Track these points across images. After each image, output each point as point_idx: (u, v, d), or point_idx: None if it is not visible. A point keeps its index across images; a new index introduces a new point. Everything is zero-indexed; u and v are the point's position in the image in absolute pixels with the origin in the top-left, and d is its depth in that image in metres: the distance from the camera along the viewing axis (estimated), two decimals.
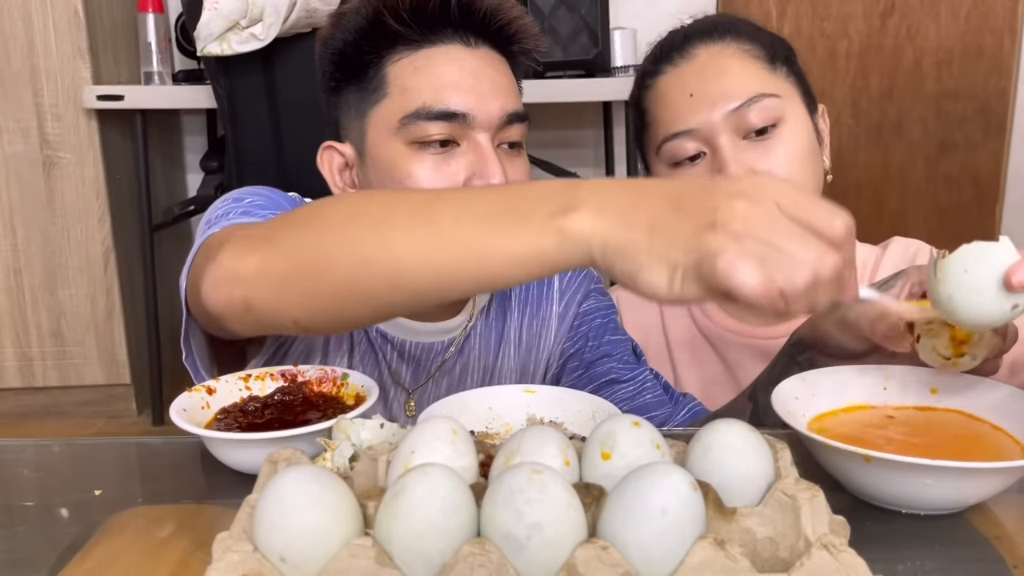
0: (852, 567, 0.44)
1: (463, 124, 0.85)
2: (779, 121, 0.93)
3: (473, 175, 0.85)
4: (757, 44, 0.96)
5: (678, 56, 0.97)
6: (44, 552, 0.57)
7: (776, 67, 0.96)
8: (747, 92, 0.92)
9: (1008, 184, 2.82)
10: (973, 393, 0.70)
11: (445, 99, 0.85)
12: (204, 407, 0.73)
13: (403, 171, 0.86)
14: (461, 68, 0.87)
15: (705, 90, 0.93)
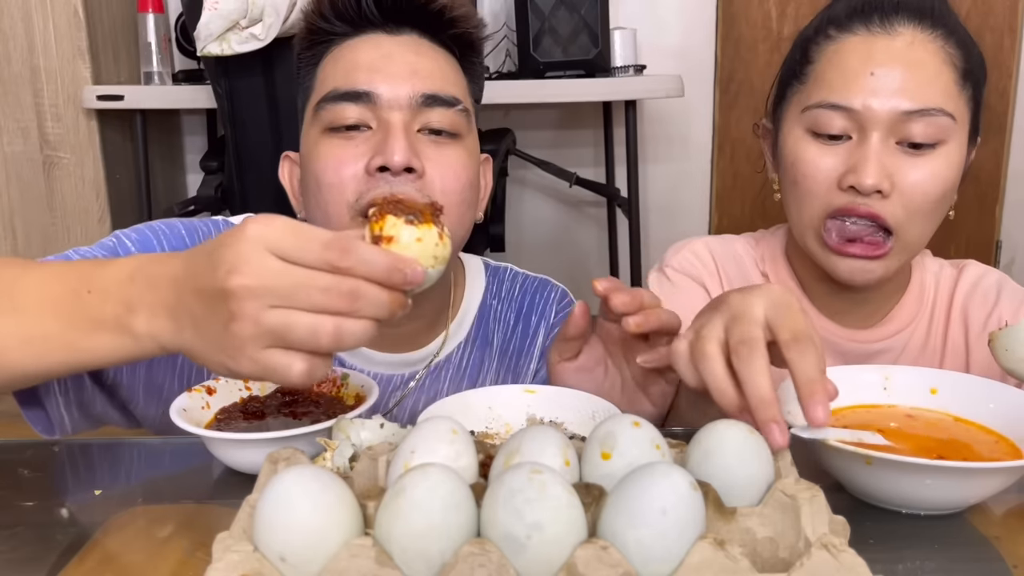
0: (852, 567, 0.44)
1: (370, 104, 0.83)
2: (941, 143, 0.84)
3: (376, 154, 0.81)
4: (963, 52, 0.86)
5: (879, 22, 0.86)
6: (44, 552, 0.57)
7: (965, 86, 0.86)
8: (929, 100, 0.83)
9: (1008, 184, 2.82)
10: (972, 394, 0.70)
11: (353, 80, 0.84)
12: (204, 407, 0.73)
13: (313, 156, 0.84)
14: (376, 51, 0.86)
15: (890, 76, 0.83)
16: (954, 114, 0.84)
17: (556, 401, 0.77)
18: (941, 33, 0.85)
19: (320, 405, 0.75)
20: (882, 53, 0.84)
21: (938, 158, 0.84)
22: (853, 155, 0.84)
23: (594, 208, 2.88)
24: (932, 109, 0.83)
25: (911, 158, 0.84)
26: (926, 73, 0.84)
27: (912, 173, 0.84)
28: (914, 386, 0.72)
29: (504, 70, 2.60)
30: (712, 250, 1.02)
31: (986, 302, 0.95)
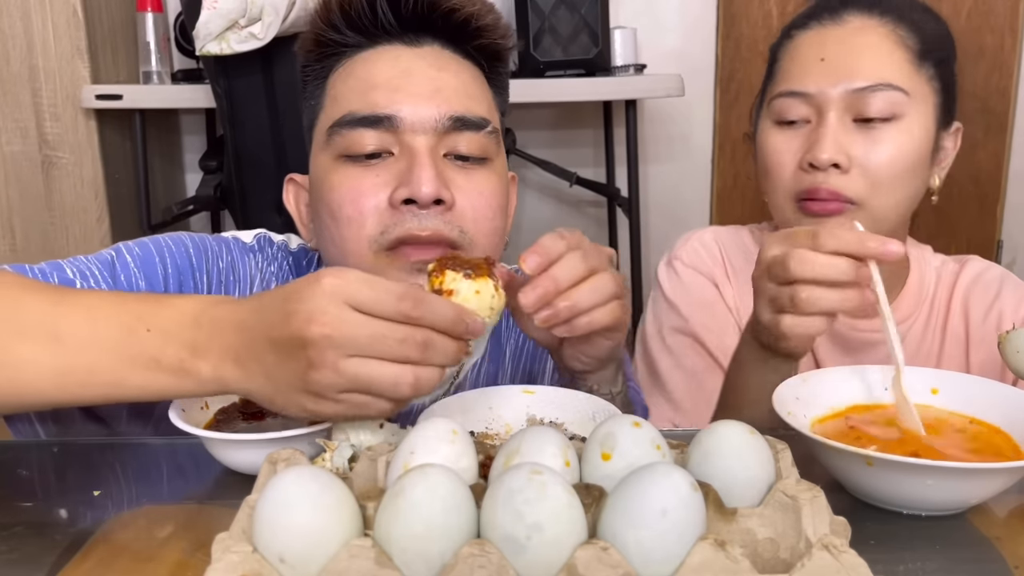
0: (853, 568, 0.44)
1: (392, 129, 0.76)
2: (896, 117, 0.88)
3: (401, 184, 0.75)
4: (915, 34, 0.90)
5: (829, 16, 0.92)
6: (44, 552, 0.57)
7: (923, 64, 0.90)
8: (876, 77, 0.88)
9: (1008, 184, 2.81)
10: (973, 394, 0.70)
11: (372, 102, 0.76)
12: (203, 407, 0.73)
13: (327, 186, 0.77)
14: (394, 67, 0.77)
15: (838, 59, 0.89)
16: (907, 89, 0.88)
17: (556, 401, 0.77)
18: (891, 18, 0.90)
19: None
20: (832, 40, 0.91)
21: (894, 131, 0.88)
22: (812, 136, 0.89)
23: (594, 208, 2.87)
24: (881, 84, 0.87)
25: (867, 133, 0.88)
26: (874, 52, 0.89)
27: (869, 146, 0.88)
28: (915, 386, 0.72)
29: None
30: (720, 241, 1.04)
31: (987, 294, 0.97)
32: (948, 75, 0.92)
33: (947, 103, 0.93)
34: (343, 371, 0.55)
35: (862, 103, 0.88)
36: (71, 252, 2.61)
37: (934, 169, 0.94)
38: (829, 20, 0.92)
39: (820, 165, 0.88)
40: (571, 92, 2.35)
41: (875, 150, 0.88)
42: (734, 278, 1.02)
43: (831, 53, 0.90)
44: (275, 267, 0.88)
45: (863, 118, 0.88)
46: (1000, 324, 0.94)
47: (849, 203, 0.89)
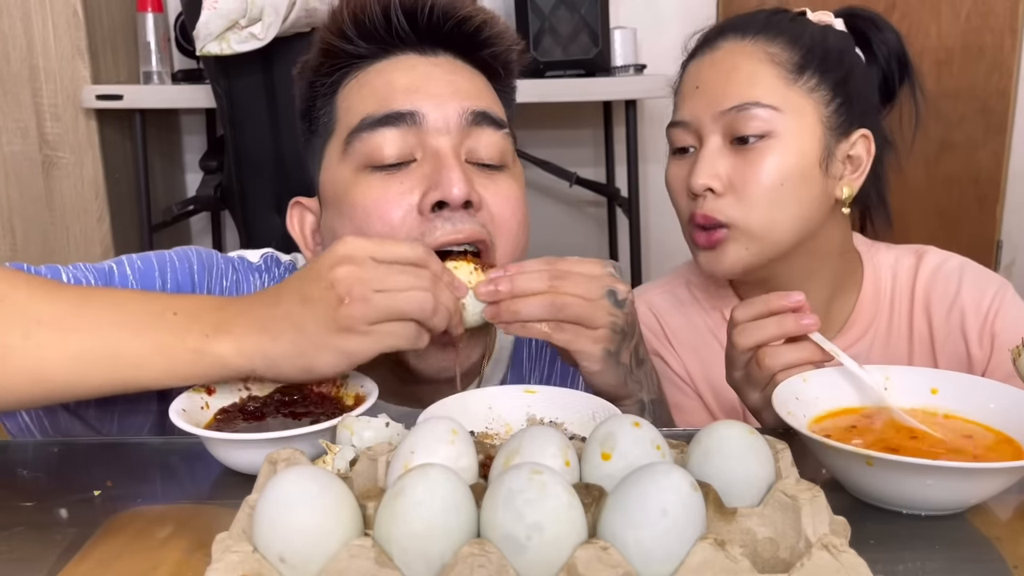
0: (853, 567, 0.44)
1: (414, 127, 0.74)
2: (769, 135, 0.88)
3: (429, 188, 0.73)
4: (790, 48, 0.90)
5: (706, 46, 0.95)
6: (44, 552, 0.57)
7: (803, 77, 0.90)
8: (743, 97, 0.88)
9: (1008, 184, 2.81)
10: (973, 394, 0.70)
11: (389, 102, 0.75)
12: (204, 407, 0.73)
13: (350, 200, 0.75)
14: (412, 72, 0.77)
15: (708, 86, 0.91)
16: (777, 105, 0.88)
17: (556, 401, 0.77)
18: (763, 37, 0.91)
19: (319, 405, 0.75)
20: (706, 67, 0.93)
21: (769, 150, 0.88)
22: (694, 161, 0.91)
23: (594, 208, 2.87)
24: (748, 103, 0.88)
25: (743, 154, 0.89)
26: (740, 74, 0.90)
27: (743, 167, 0.88)
28: (914, 386, 0.72)
29: None
30: (654, 308, 1.03)
31: (947, 290, 0.95)
32: (842, 83, 0.91)
33: (845, 110, 0.91)
34: (372, 301, 0.61)
35: (734, 124, 0.88)
36: (71, 252, 2.63)
37: (833, 180, 0.91)
38: (707, 49, 0.94)
39: (695, 191, 0.90)
40: (571, 92, 2.35)
41: (748, 170, 0.88)
42: (677, 344, 1.02)
43: (704, 80, 0.92)
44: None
45: (738, 137, 0.89)
46: (963, 320, 0.93)
47: (724, 226, 0.90)
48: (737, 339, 0.76)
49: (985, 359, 0.90)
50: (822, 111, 0.90)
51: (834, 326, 0.96)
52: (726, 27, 0.95)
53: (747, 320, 0.76)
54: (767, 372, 0.74)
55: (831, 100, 0.90)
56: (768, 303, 0.75)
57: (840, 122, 0.91)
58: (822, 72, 0.90)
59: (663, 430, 0.56)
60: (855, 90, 0.92)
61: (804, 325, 0.74)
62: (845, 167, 0.92)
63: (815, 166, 0.90)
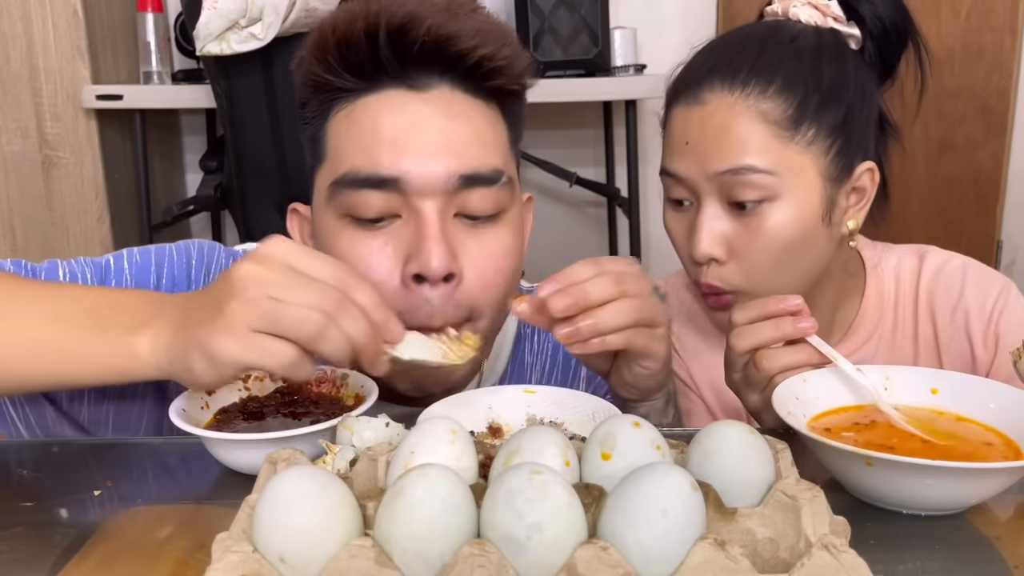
0: (853, 567, 0.44)
1: (398, 191, 0.71)
2: (769, 199, 0.84)
3: (410, 256, 0.71)
4: (784, 99, 0.84)
5: (691, 94, 0.87)
6: (44, 552, 0.57)
7: (799, 132, 0.84)
8: (738, 161, 0.83)
9: (1008, 184, 2.81)
10: (973, 394, 0.70)
11: (375, 161, 0.70)
12: (203, 407, 0.73)
13: (334, 249, 0.74)
14: (400, 118, 0.71)
15: (698, 144, 0.85)
16: (772, 170, 0.83)
17: (556, 401, 0.77)
18: (753, 88, 0.84)
19: (320, 405, 0.75)
20: (694, 122, 0.86)
21: (769, 215, 0.84)
22: (694, 222, 0.87)
23: (594, 208, 2.88)
24: (742, 168, 0.83)
25: (741, 219, 0.84)
26: (732, 136, 0.84)
27: (744, 233, 0.85)
28: (914, 386, 0.72)
29: None
30: None
31: (951, 292, 0.94)
32: (842, 122, 0.85)
33: (845, 152, 0.86)
34: (258, 305, 0.57)
35: (729, 188, 0.84)
36: (71, 252, 2.63)
37: (838, 223, 0.88)
38: (692, 99, 0.87)
39: (698, 261, 0.87)
40: (571, 92, 2.35)
41: (749, 237, 0.85)
42: (680, 347, 1.01)
43: (693, 136, 0.86)
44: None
45: (735, 202, 0.85)
46: (967, 320, 0.92)
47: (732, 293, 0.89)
48: (734, 341, 0.76)
49: (989, 360, 0.90)
50: (821, 162, 0.85)
51: (838, 332, 0.95)
52: (714, 71, 0.86)
53: (745, 322, 0.76)
54: (764, 375, 0.74)
55: (830, 147, 0.86)
56: (766, 306, 0.75)
57: (841, 166, 0.86)
58: (819, 119, 0.85)
59: (663, 430, 0.56)
60: (855, 123, 0.87)
61: (801, 328, 0.74)
62: (849, 201, 0.88)
63: (817, 222, 0.86)
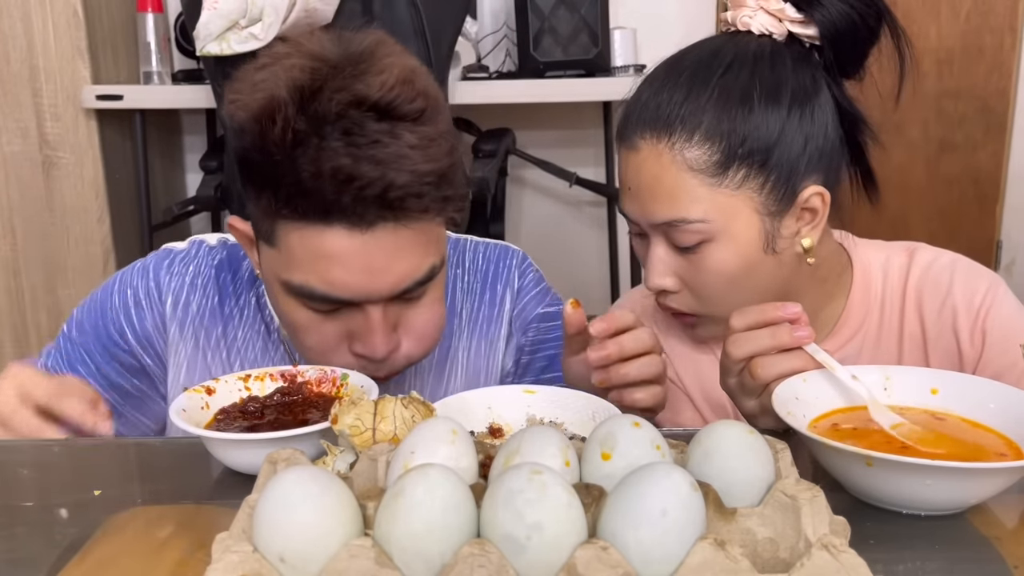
0: (852, 567, 0.44)
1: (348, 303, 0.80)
2: (707, 240, 0.85)
3: (355, 339, 0.81)
4: (708, 146, 0.84)
5: (627, 139, 0.88)
6: (44, 552, 0.57)
7: (727, 176, 0.84)
8: (671, 214, 0.85)
9: (1008, 184, 2.81)
10: (973, 394, 0.70)
11: (329, 283, 0.77)
12: (204, 407, 0.73)
13: (288, 310, 0.82)
14: (350, 254, 0.76)
15: (638, 191, 0.87)
16: (703, 217, 0.84)
17: (556, 401, 0.77)
18: (681, 137, 0.84)
19: (320, 406, 0.75)
20: (631, 170, 0.88)
21: (708, 255, 0.86)
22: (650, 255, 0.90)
23: (594, 208, 2.88)
24: (676, 221, 0.85)
25: (687, 257, 0.87)
26: (662, 188, 0.85)
27: (689, 269, 0.87)
28: (914, 386, 0.72)
29: (504, 70, 2.60)
30: (645, 311, 1.01)
31: (938, 288, 0.93)
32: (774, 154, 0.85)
33: (783, 183, 0.85)
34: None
35: (669, 235, 0.87)
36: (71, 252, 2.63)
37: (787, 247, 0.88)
38: (629, 144, 0.88)
39: (651, 290, 0.91)
40: (571, 92, 2.35)
41: (696, 274, 0.87)
42: (666, 348, 0.99)
43: (632, 183, 0.88)
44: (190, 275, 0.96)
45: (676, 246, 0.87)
46: (955, 317, 0.91)
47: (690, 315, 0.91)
48: (731, 348, 0.76)
49: (976, 356, 0.90)
50: (755, 200, 0.85)
51: (823, 330, 0.95)
52: (643, 117, 0.87)
53: (742, 329, 0.76)
54: (760, 382, 0.74)
55: (764, 183, 0.85)
56: (764, 313, 0.75)
57: (780, 198, 0.86)
58: (748, 160, 0.84)
59: (663, 430, 0.56)
60: (791, 154, 0.85)
61: (798, 337, 0.74)
62: (800, 223, 0.88)
63: (759, 254, 0.87)
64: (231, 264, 0.97)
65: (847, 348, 0.94)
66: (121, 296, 0.95)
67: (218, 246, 0.99)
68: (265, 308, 0.96)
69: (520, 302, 1.02)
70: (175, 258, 0.97)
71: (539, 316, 1.02)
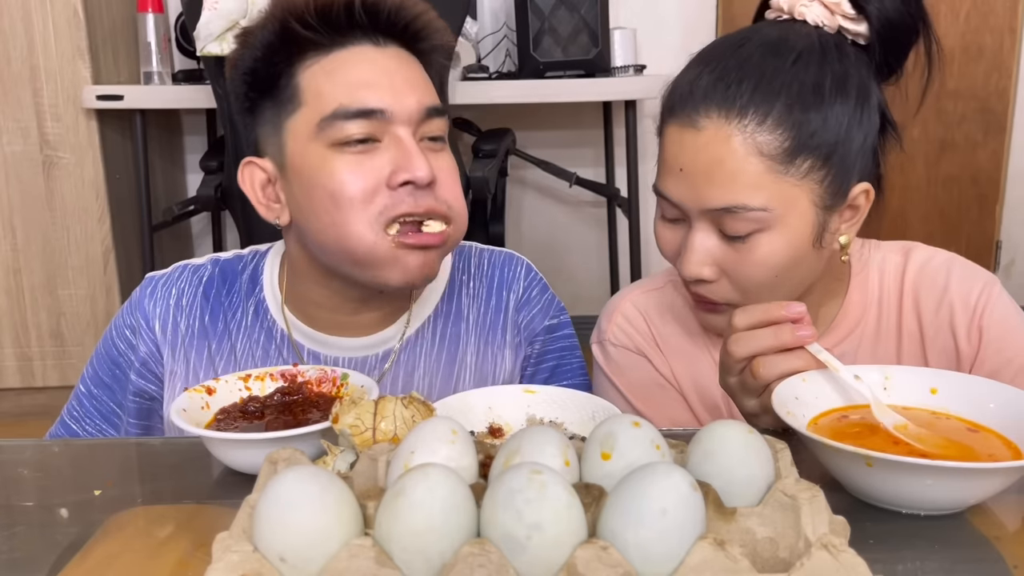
0: (852, 567, 0.44)
1: (382, 120, 0.85)
2: (761, 230, 0.82)
3: (398, 169, 0.85)
4: (780, 132, 0.81)
5: (687, 116, 0.84)
6: (44, 552, 0.57)
7: (794, 165, 0.82)
8: (730, 199, 0.81)
9: (1008, 184, 2.82)
10: (972, 394, 0.70)
11: (361, 98, 0.85)
12: (204, 407, 0.73)
13: (325, 173, 0.85)
14: (374, 67, 0.87)
15: (692, 173, 0.83)
16: (765, 206, 0.81)
17: (556, 401, 0.77)
18: (753, 120, 0.81)
19: (320, 406, 0.75)
20: (687, 150, 0.83)
21: (759, 245, 0.82)
22: (684, 239, 0.86)
23: (594, 208, 2.88)
24: (735, 207, 0.81)
25: (732, 245, 0.83)
26: (726, 171, 0.81)
27: (735, 259, 0.83)
28: (914, 386, 0.72)
29: (504, 70, 2.60)
30: (643, 310, 1.00)
31: (935, 286, 0.93)
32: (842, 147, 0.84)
33: (841, 178, 0.84)
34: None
35: (721, 221, 0.82)
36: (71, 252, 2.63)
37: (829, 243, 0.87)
38: (687, 121, 0.83)
39: (686, 279, 0.86)
40: (571, 92, 2.36)
41: (739, 265, 0.84)
42: (664, 345, 0.99)
43: (687, 164, 0.83)
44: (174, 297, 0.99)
45: (724, 233, 0.83)
46: (952, 315, 0.91)
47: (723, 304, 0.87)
48: (733, 347, 0.75)
49: (973, 354, 0.91)
50: (815, 192, 0.83)
51: (820, 327, 0.95)
52: (711, 95, 0.83)
53: (745, 327, 0.75)
54: (761, 382, 0.74)
55: (824, 176, 0.83)
56: (768, 312, 0.74)
57: (835, 192, 0.85)
58: (815, 151, 0.83)
59: (663, 430, 0.56)
60: (852, 149, 0.84)
61: (801, 337, 0.73)
62: (843, 218, 0.87)
63: (808, 247, 0.85)
64: (224, 279, 1.00)
65: (844, 345, 0.94)
66: (121, 339, 0.98)
67: (206, 264, 1.02)
68: (266, 314, 0.97)
69: (528, 313, 1.02)
70: (157, 284, 1.00)
71: (545, 328, 1.03)
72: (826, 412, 0.71)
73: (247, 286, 0.99)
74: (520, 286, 1.03)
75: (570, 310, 1.09)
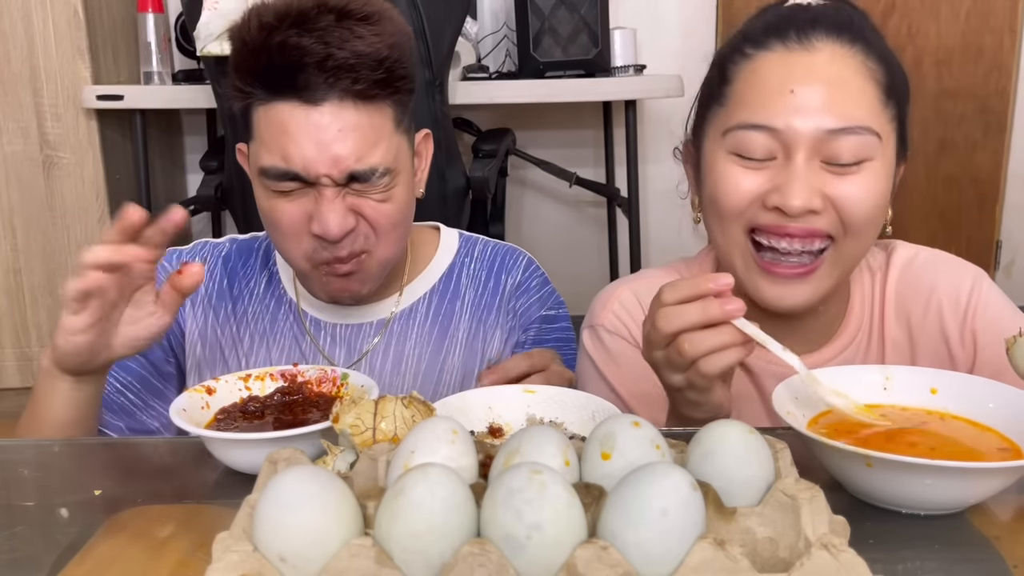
0: (852, 567, 0.44)
1: (301, 180, 0.89)
2: (866, 161, 0.80)
3: (313, 220, 0.90)
4: (883, 66, 0.82)
5: (796, 38, 0.81)
6: (44, 552, 0.57)
7: (888, 103, 0.82)
8: (853, 118, 0.79)
9: (1008, 184, 2.82)
10: (972, 393, 0.70)
11: (286, 157, 0.88)
12: (204, 407, 0.73)
13: (267, 205, 0.93)
14: (301, 129, 0.88)
15: (811, 93, 0.79)
16: (879, 132, 0.80)
17: (556, 401, 0.77)
18: (861, 47, 0.81)
19: (320, 406, 0.75)
20: (801, 70, 0.80)
21: (865, 176, 0.80)
22: (779, 176, 0.80)
23: (594, 208, 2.88)
24: (857, 127, 0.79)
25: (838, 177, 0.80)
26: (848, 90, 0.79)
27: (842, 191, 0.80)
28: (914, 386, 0.72)
29: (504, 70, 2.60)
30: (640, 296, 0.97)
31: (921, 289, 0.91)
32: (904, 113, 0.85)
33: (902, 140, 0.85)
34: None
35: (833, 146, 0.79)
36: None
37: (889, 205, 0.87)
38: (796, 43, 0.81)
39: (792, 213, 0.80)
40: (571, 92, 2.35)
41: (848, 194, 0.80)
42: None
43: (801, 85, 0.79)
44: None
45: (834, 161, 0.80)
46: (941, 319, 0.89)
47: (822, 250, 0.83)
48: (660, 323, 0.72)
49: (968, 358, 0.88)
50: (895, 137, 0.83)
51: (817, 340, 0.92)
52: (819, 19, 0.82)
53: (673, 303, 0.72)
54: (687, 359, 0.71)
55: (899, 129, 0.84)
56: (696, 286, 0.71)
57: (900, 154, 0.85)
58: (899, 98, 0.83)
59: (663, 430, 0.56)
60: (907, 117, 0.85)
61: (728, 311, 0.70)
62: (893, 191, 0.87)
63: (888, 197, 0.84)
64: (240, 254, 1.08)
65: (847, 352, 0.92)
66: None
67: (225, 241, 1.10)
68: (278, 284, 1.05)
69: (525, 301, 1.06)
70: (181, 253, 1.07)
71: (541, 318, 1.06)
72: (825, 412, 0.71)
73: (262, 260, 1.08)
74: (519, 273, 1.08)
75: (570, 309, 1.09)
